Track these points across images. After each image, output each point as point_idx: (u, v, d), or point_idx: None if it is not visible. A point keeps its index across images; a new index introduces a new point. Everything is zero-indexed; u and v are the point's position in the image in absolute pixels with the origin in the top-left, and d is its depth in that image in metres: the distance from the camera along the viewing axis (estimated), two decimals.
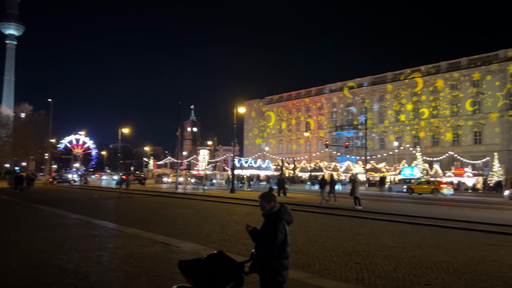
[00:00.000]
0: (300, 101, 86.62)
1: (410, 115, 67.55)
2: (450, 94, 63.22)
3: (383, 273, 7.30)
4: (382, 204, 24.11)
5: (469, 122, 61.15)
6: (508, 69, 57.22)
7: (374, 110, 72.99)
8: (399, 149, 62.74)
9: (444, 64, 64.99)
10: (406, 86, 68.19)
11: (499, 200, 31.01)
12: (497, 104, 57.89)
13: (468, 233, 12.57)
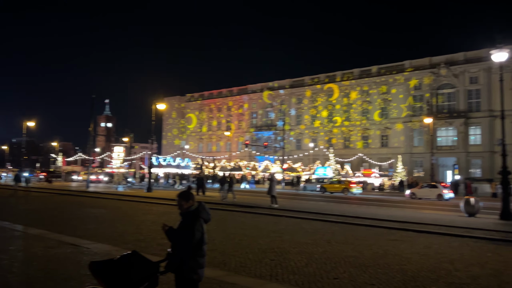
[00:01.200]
0: (222, 100, 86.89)
1: (324, 122, 70.99)
2: (361, 100, 67.49)
3: (295, 269, 7.60)
4: (297, 203, 25.03)
5: (377, 129, 65.75)
6: (410, 83, 62.57)
7: (292, 113, 75.54)
8: (314, 150, 65.61)
9: (356, 71, 69.26)
10: (323, 94, 71.53)
11: (402, 199, 33.75)
12: (402, 114, 62.93)
13: (374, 229, 13.53)
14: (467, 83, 58.10)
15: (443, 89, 60.31)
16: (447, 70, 58.86)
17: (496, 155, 47.36)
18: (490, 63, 46.32)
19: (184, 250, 4.20)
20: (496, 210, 18.10)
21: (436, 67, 59.80)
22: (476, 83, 57.35)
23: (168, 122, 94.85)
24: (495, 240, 11.83)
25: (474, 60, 56.76)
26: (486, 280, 7.06)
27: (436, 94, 60.69)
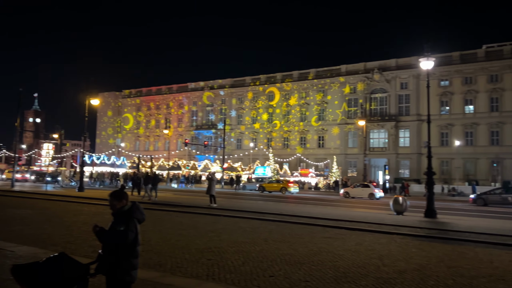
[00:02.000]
0: (161, 98, 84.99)
1: (264, 125, 71.88)
2: (299, 102, 69.17)
3: (232, 268, 7.62)
4: (236, 202, 25.12)
5: (314, 130, 67.73)
6: (345, 88, 65.17)
7: (232, 112, 75.74)
8: (254, 150, 66.27)
9: (295, 73, 70.89)
10: (265, 97, 72.35)
11: (336, 198, 35.04)
12: (337, 116, 65.32)
13: (309, 227, 13.91)
14: (398, 88, 61.57)
15: (376, 93, 63.43)
16: (380, 76, 61.97)
17: (423, 157, 50.57)
18: (419, 70, 49.35)
19: (116, 251, 4.07)
20: (422, 208, 19.24)
21: (370, 72, 62.74)
22: (406, 89, 60.93)
23: (103, 121, 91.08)
24: (420, 236, 12.62)
25: (404, 66, 60.27)
26: (411, 274, 7.51)
27: (370, 98, 63.71)
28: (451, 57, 57.88)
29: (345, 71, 65.75)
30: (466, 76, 56.80)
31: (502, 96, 54.40)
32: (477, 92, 55.95)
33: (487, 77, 55.46)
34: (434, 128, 55.56)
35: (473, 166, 55.71)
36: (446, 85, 57.90)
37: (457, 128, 56.78)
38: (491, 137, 55.06)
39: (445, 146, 56.65)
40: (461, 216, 20.27)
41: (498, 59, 55.14)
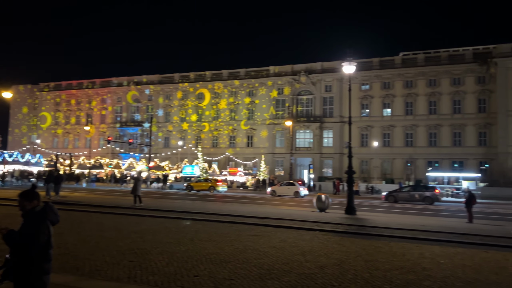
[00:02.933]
0: (82, 92, 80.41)
1: (193, 126, 71.02)
2: (229, 101, 69.33)
3: (155, 269, 7.43)
4: (163, 202, 24.58)
5: (243, 129, 68.24)
6: (274, 88, 66.52)
7: (160, 111, 73.90)
8: (182, 148, 65.25)
9: (225, 72, 70.90)
10: (194, 98, 71.40)
11: (263, 196, 35.63)
12: (266, 116, 66.43)
13: (236, 226, 13.98)
14: (323, 90, 64.06)
15: (303, 95, 65.50)
16: (306, 78, 64.05)
17: (345, 156, 53.03)
18: (342, 74, 51.70)
19: (26, 255, 3.80)
20: (344, 205, 20.16)
21: (297, 74, 64.60)
22: (330, 91, 63.59)
23: (17, 118, 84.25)
24: (340, 232, 13.23)
25: (329, 70, 62.84)
26: (331, 269, 7.84)
27: (297, 99, 65.63)
28: (372, 63, 61.41)
29: (274, 73, 67.07)
30: (385, 81, 60.61)
31: (416, 101, 58.78)
32: (394, 96, 59.94)
33: (403, 83, 59.61)
34: (355, 130, 58.60)
35: (389, 166, 59.60)
36: (367, 89, 61.32)
37: (376, 130, 60.38)
38: (406, 138, 59.27)
39: (365, 147, 59.98)
40: (377, 213, 21.59)
41: (413, 66, 59.49)
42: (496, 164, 52.76)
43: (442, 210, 26.55)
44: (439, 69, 57.46)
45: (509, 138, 52.18)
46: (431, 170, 51.41)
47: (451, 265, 8.63)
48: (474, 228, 15.34)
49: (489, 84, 54.92)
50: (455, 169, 53.54)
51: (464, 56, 57.98)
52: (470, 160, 54.87)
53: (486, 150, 54.36)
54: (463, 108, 56.23)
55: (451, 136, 56.67)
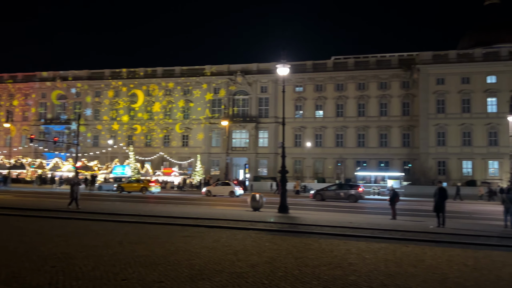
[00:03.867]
0: (2, 86, 74.41)
1: (125, 124, 68.55)
2: (164, 100, 67.79)
3: (80, 274, 7.06)
4: (90, 203, 23.46)
5: (178, 129, 67.06)
6: (210, 87, 66.11)
7: (89, 107, 70.49)
8: (112, 148, 62.76)
9: (160, 70, 69.21)
10: (127, 99, 68.85)
11: (198, 197, 35.28)
12: (202, 116, 65.72)
13: (168, 227, 13.69)
14: (259, 91, 64.82)
15: (239, 95, 65.78)
16: (243, 78, 64.41)
17: (279, 156, 53.92)
18: (277, 75, 52.57)
19: None
20: (278, 204, 20.47)
21: (234, 74, 64.77)
22: (266, 92, 64.51)
23: None
24: (272, 231, 13.44)
25: (265, 71, 63.69)
26: (263, 267, 7.92)
27: (233, 99, 65.78)
28: (305, 66, 63.18)
29: (210, 72, 66.67)
30: (317, 83, 62.64)
31: (346, 103, 61.38)
32: (326, 98, 62.14)
33: (334, 86, 61.99)
34: (289, 130, 60.00)
35: (321, 165, 61.69)
36: (301, 91, 62.99)
37: (309, 131, 62.22)
38: (337, 139, 61.70)
39: (299, 147, 61.58)
40: (308, 211, 22.24)
41: (343, 70, 62.06)
42: (418, 164, 56.62)
43: (368, 208, 27.98)
44: (367, 74, 60.49)
45: (430, 140, 56.21)
46: (360, 170, 53.94)
47: (375, 259, 9.09)
48: (397, 224, 16.30)
49: (412, 89, 58.78)
50: (381, 169, 56.66)
51: (391, 62, 61.55)
52: (395, 160, 58.35)
53: (409, 151, 58.15)
54: (389, 110, 59.67)
55: (378, 137, 59.88)
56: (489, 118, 54.82)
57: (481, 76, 55.35)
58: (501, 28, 66.63)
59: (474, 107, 55.43)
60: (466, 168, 55.68)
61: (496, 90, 54.78)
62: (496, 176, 53.88)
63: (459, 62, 56.52)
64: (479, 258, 9.74)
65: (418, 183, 52.05)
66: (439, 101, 56.69)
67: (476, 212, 26.38)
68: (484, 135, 55.02)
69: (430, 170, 55.22)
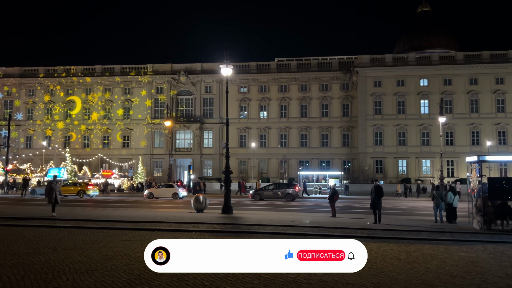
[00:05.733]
0: None
1: (61, 125, 65.24)
2: (103, 98, 65.34)
3: (8, 284, 6.63)
4: (22, 209, 22.13)
5: (119, 129, 64.88)
6: (152, 86, 64.63)
7: (21, 105, 66.35)
8: (47, 149, 59.52)
9: (98, 68, 66.59)
10: (63, 104, 65.46)
11: (140, 199, 34.36)
12: (144, 116, 64.11)
13: (106, 231, 13.19)
14: (203, 91, 64.36)
15: (183, 95, 64.92)
16: (186, 78, 63.65)
17: (224, 157, 53.93)
18: (221, 76, 52.52)
19: None
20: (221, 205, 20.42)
21: (177, 74, 63.82)
22: (211, 92, 64.20)
23: None
24: (216, 231, 13.39)
25: (209, 71, 63.34)
26: None
27: (177, 99, 64.80)
28: (249, 67, 63.62)
29: (152, 71, 65.17)
30: (262, 84, 63.30)
31: (290, 105, 62.56)
32: (270, 99, 62.96)
33: (278, 87, 62.94)
34: (234, 131, 60.12)
35: (266, 165, 62.42)
36: (245, 92, 63.33)
37: (254, 131, 62.71)
38: (280, 139, 62.73)
39: (243, 147, 61.86)
40: (251, 211, 22.41)
41: (286, 71, 63.21)
42: (357, 163, 58.94)
43: (306, 206, 28.69)
44: (309, 75, 62.04)
45: (368, 140, 58.69)
46: (303, 169, 55.16)
47: None
48: (337, 221, 16.85)
49: (351, 91, 61.08)
50: (323, 168, 58.37)
51: (331, 64, 63.54)
52: (335, 160, 60.32)
53: (349, 151, 60.37)
54: (330, 112, 61.59)
55: (319, 137, 61.60)
56: (422, 119, 58.23)
57: (414, 79, 58.67)
58: (432, 34, 71.16)
59: (409, 108, 58.63)
60: (402, 166, 58.76)
61: (428, 93, 58.29)
62: (429, 174, 57.35)
63: (395, 66, 59.59)
64: (410, 252, 10.29)
65: (357, 182, 54.23)
66: (376, 103, 59.35)
67: (410, 208, 27.91)
68: (417, 135, 58.35)
69: (369, 169, 57.68)
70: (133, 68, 66.16)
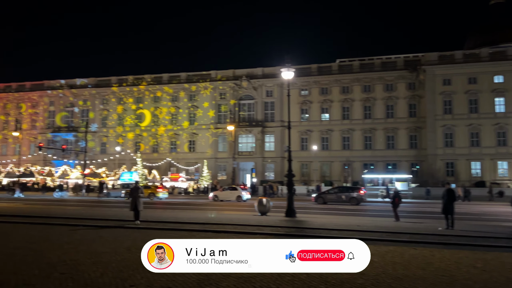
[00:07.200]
0: (11, 95, 75.09)
1: (132, 131, 68.85)
2: (170, 105, 68.08)
3: (89, 280, 7.12)
4: (98, 210, 23.64)
5: (185, 134, 67.24)
6: (215, 92, 66.26)
7: (96, 114, 70.99)
8: (120, 154, 63.12)
9: (166, 76, 69.56)
10: (134, 116, 69.11)
11: (206, 202, 35.31)
12: (208, 121, 65.95)
13: (176, 232, 13.67)
14: (264, 95, 64.91)
15: (245, 99, 65.93)
16: (248, 83, 64.57)
17: (285, 160, 53.94)
18: (282, 79, 52.60)
19: None
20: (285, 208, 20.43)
21: (239, 79, 64.94)
22: (272, 96, 64.59)
23: None
24: (280, 235, 13.41)
25: (270, 75, 63.76)
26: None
27: (239, 104, 65.93)
28: (310, 69, 63.19)
29: (215, 77, 66.87)
30: (323, 86, 62.59)
31: (352, 106, 61.27)
32: (332, 101, 62.07)
33: (340, 88, 61.91)
34: (295, 134, 59.95)
35: (328, 168, 61.54)
36: (306, 94, 62.97)
37: (315, 134, 62.13)
38: (343, 142, 61.56)
39: (305, 150, 61.49)
40: (314, 215, 22.17)
41: (349, 72, 62.00)
42: (425, 165, 56.26)
43: (371, 210, 27.81)
44: (373, 76, 60.36)
45: (437, 141, 55.88)
46: (367, 172, 53.69)
47: (383, 262, 9.05)
48: (405, 226, 16.20)
49: (418, 90, 58.54)
50: (389, 171, 56.34)
51: (396, 63, 61.38)
52: (402, 162, 58.03)
53: (417, 153, 57.83)
54: (396, 112, 59.45)
55: (384, 139, 59.65)
56: (497, 118, 54.44)
57: (488, 76, 55.02)
58: (506, 28, 66.28)
59: (482, 107, 55.07)
60: (475, 169, 55.27)
61: (503, 90, 54.41)
62: (506, 177, 53.43)
63: (466, 62, 56.25)
64: (488, 260, 9.66)
65: (426, 185, 51.68)
66: (446, 102, 56.41)
67: (486, 213, 26.16)
68: (492, 135, 54.61)
69: (438, 171, 54.87)
70: (197, 75, 68.29)
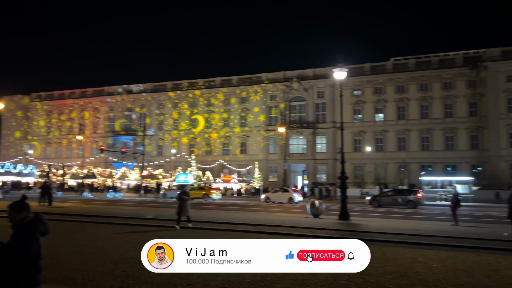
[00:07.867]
0: (74, 102, 79.96)
1: (186, 134, 70.72)
2: (222, 108, 69.32)
3: (148, 278, 7.40)
4: (156, 211, 24.47)
5: (237, 136, 68.21)
6: (266, 94, 66.65)
7: (153, 118, 73.73)
8: (175, 156, 65.09)
9: (218, 80, 70.95)
10: (187, 105, 71.17)
11: (257, 203, 35.56)
12: (259, 123, 66.45)
13: (229, 233, 13.91)
14: (315, 97, 64.35)
15: (295, 101, 65.72)
16: (299, 84, 64.31)
17: (338, 162, 53.25)
18: (334, 80, 51.88)
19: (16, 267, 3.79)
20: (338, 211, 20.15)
21: (289, 81, 64.86)
22: (323, 97, 63.88)
23: (11, 125, 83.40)
24: (334, 238, 13.23)
25: (321, 76, 63.12)
26: (325, 275, 7.84)
27: (289, 105, 65.83)
28: (363, 69, 61.83)
29: (266, 79, 67.24)
30: (376, 86, 61.01)
31: (408, 106, 59.22)
32: (386, 101, 60.34)
33: (394, 88, 60.05)
34: (348, 135, 58.81)
35: (383, 170, 59.84)
36: (359, 94, 61.68)
37: (369, 135, 60.66)
38: (399, 143, 59.60)
39: (358, 152, 60.21)
40: (369, 218, 21.62)
41: (403, 71, 59.99)
42: (488, 167, 53.16)
43: (428, 214, 26.66)
44: (430, 74, 57.99)
45: (501, 141, 52.65)
46: (425, 174, 51.68)
47: (444, 269, 8.68)
48: (466, 231, 15.43)
49: (479, 88, 55.51)
50: (448, 173, 53.85)
51: (455, 61, 58.60)
52: (462, 164, 55.22)
53: (479, 154, 54.78)
54: (455, 112, 56.73)
55: (443, 140, 57.08)
56: None
57: None
58: None
59: None
60: None
61: None
62: None
63: None
64: None
65: (490, 188, 48.80)
66: (510, 100, 53.09)
67: None
68: None
69: (503, 173, 51.66)
70: (248, 78, 69.02)
